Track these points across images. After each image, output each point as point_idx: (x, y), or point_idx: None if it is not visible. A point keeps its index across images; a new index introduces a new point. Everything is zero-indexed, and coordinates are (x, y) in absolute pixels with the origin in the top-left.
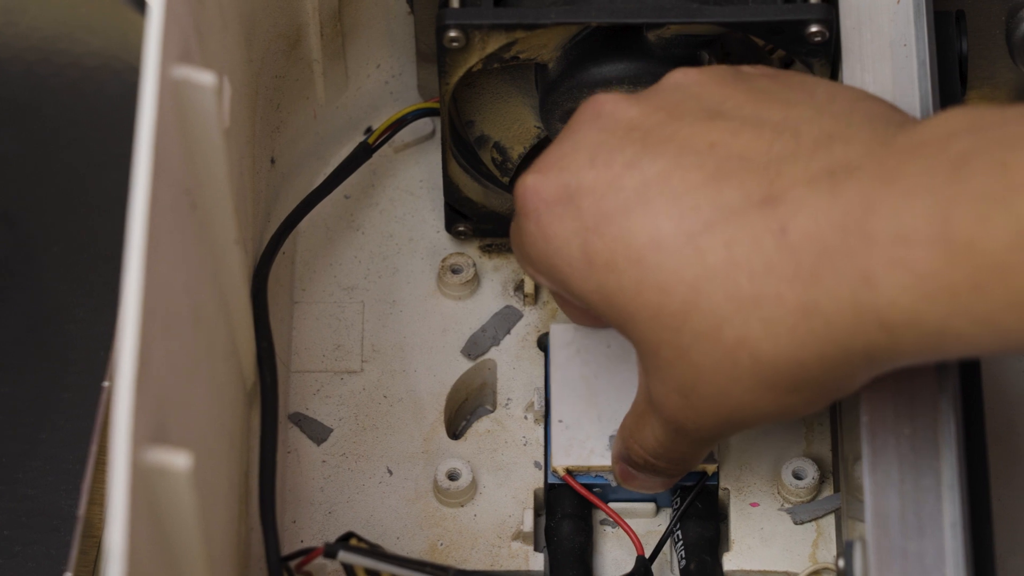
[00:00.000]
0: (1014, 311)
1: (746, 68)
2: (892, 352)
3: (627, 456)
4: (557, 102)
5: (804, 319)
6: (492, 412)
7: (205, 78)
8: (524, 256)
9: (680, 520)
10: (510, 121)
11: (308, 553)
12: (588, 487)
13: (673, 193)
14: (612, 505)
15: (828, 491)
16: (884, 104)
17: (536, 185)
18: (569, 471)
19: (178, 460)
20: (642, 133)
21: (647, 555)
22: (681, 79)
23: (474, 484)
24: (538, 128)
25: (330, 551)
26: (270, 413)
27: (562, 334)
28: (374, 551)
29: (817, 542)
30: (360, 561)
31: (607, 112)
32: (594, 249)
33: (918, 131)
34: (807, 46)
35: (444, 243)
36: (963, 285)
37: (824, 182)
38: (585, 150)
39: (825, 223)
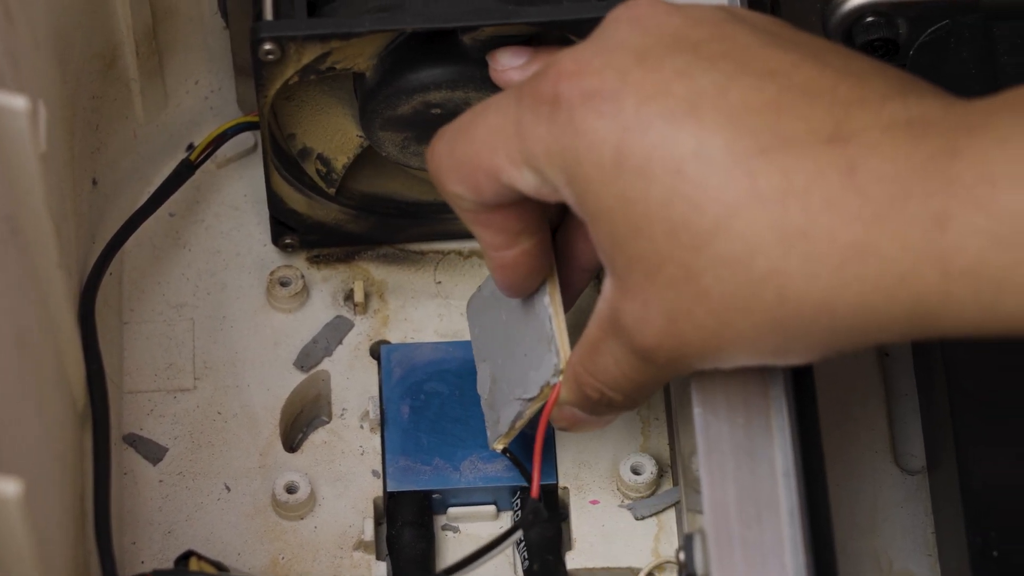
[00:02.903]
0: None
1: None
2: (938, 307)
3: (579, 395)
4: (376, 110)
5: (855, 259)
6: (328, 423)
7: (18, 103)
8: (526, 149)
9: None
10: (332, 132)
11: None
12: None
13: (729, 110)
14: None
15: (667, 485)
16: None
17: (579, 73)
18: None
19: (8, 487)
20: (691, 44)
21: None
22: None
23: (313, 496)
24: (360, 137)
25: None
26: (102, 435)
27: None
28: (189, 574)
29: (659, 536)
30: None
31: (646, 15)
32: (629, 151)
33: (996, 97)
34: None
35: (272, 256)
36: None
37: (902, 130)
38: (630, 50)
39: (904, 167)
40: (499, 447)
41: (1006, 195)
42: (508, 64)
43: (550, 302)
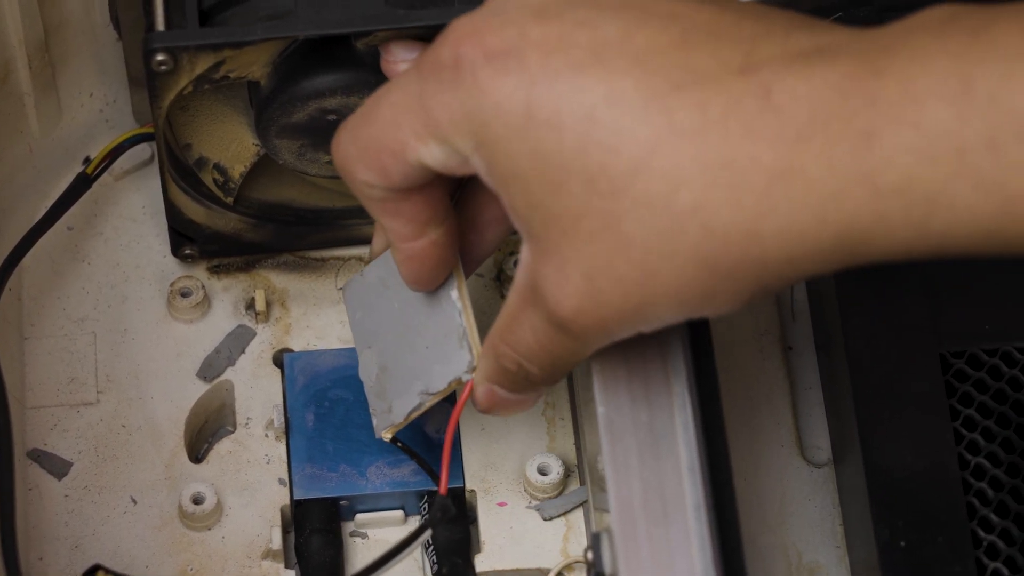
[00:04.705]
0: None
1: None
2: (869, 228)
3: (497, 367)
4: (272, 118)
5: (781, 182)
6: (233, 433)
7: None
8: (432, 119)
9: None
10: (228, 141)
11: None
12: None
13: (635, 54)
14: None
15: (575, 485)
16: None
17: (477, 34)
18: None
19: None
20: None
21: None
22: None
23: (219, 506)
24: (256, 146)
25: None
26: (5, 451)
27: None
28: None
29: (567, 536)
30: None
31: None
32: (539, 103)
33: (907, 20)
34: None
35: (172, 267)
36: (976, 142)
37: (812, 55)
38: (527, 7)
39: (820, 85)
40: (387, 436)
41: (933, 111)
42: (401, 56)
43: (459, 296)
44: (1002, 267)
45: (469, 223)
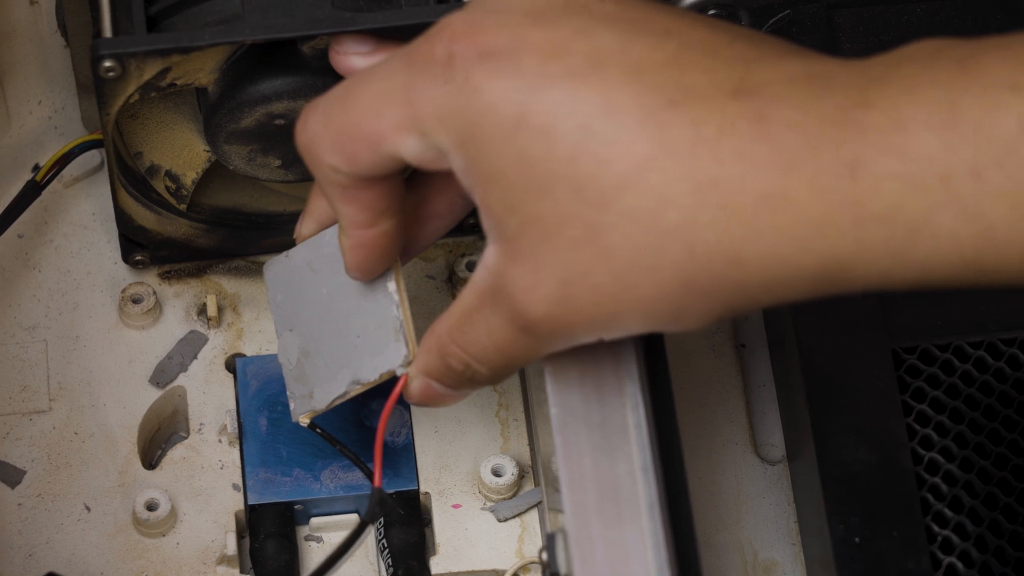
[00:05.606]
0: (1007, 200)
1: None
2: (850, 256)
3: (442, 365)
4: (220, 124)
5: (768, 208)
6: (186, 439)
7: None
8: (416, 112)
9: (384, 528)
10: (179, 148)
11: None
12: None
13: (633, 66)
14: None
15: (529, 486)
16: None
17: (473, 32)
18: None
19: None
20: (583, 6)
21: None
22: None
23: (174, 512)
24: (207, 152)
25: None
26: None
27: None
28: None
29: (522, 537)
30: None
31: None
32: (533, 108)
33: (896, 52)
34: None
35: (123, 274)
36: (960, 169)
37: (805, 83)
38: (523, 11)
39: (814, 116)
40: (305, 421)
41: (920, 139)
42: (352, 49)
43: (396, 289)
44: None
45: (410, 216)
